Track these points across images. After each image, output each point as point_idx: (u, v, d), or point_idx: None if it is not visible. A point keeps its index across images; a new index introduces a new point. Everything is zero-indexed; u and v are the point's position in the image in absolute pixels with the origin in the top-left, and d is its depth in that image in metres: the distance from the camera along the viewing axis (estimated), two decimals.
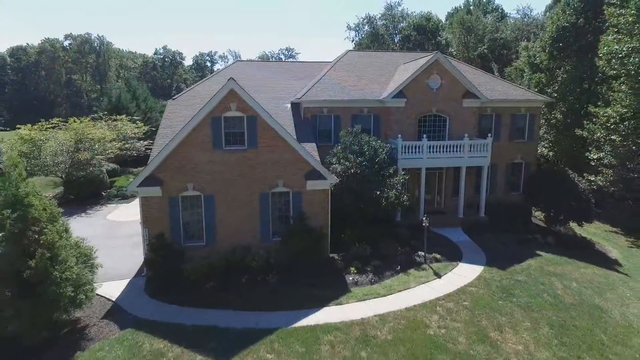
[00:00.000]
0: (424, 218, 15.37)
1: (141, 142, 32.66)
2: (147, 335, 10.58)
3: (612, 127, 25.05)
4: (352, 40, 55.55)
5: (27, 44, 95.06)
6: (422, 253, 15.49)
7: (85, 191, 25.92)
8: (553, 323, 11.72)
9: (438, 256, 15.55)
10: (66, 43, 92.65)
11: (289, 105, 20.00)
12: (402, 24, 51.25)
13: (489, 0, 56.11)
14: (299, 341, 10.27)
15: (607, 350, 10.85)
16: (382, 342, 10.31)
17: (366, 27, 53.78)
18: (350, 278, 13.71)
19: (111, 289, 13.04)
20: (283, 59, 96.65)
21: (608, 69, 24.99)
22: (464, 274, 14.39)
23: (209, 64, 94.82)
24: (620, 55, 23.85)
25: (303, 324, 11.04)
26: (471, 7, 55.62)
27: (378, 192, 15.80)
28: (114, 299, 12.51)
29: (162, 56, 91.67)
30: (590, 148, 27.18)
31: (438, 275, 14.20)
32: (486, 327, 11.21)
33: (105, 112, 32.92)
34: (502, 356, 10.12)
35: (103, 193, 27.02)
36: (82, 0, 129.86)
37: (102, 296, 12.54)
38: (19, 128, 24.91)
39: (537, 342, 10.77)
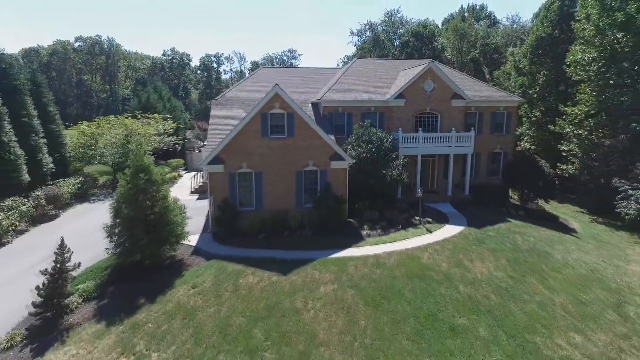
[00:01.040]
0: (419, 190, 20.46)
1: (170, 137, 37.63)
2: (227, 262, 15.58)
3: (578, 123, 30.30)
4: (355, 45, 60.62)
5: (38, 45, 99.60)
6: (418, 218, 20.56)
7: None
8: (509, 258, 16.82)
9: (430, 220, 20.64)
10: (77, 45, 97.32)
11: (310, 105, 25.05)
12: (401, 30, 56.36)
13: (482, 8, 61.33)
14: (332, 265, 15.30)
15: (544, 274, 15.94)
16: (389, 266, 15.35)
17: (368, 33, 58.85)
18: (364, 232, 18.76)
19: (187, 239, 17.98)
20: (286, 60, 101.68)
21: (574, 74, 30.23)
22: (449, 231, 19.45)
23: (215, 65, 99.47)
24: (583, 63, 29.10)
25: (333, 256, 16.08)
26: (465, 14, 60.90)
27: (384, 172, 20.85)
28: (194, 245, 17.49)
29: (170, 57, 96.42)
30: (562, 141, 32.38)
31: (429, 231, 19.26)
32: (462, 259, 16.28)
33: (140, 111, 37.84)
34: (471, 274, 15.19)
35: None
36: (91, 4, 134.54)
37: (184, 244, 17.49)
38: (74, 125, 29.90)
39: (496, 268, 15.85)
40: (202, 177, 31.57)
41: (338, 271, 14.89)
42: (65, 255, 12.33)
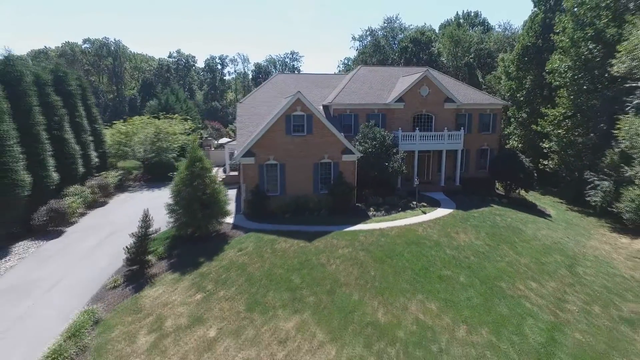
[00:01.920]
0: (416, 180, 24.76)
1: (188, 136, 41.71)
2: (262, 234, 19.79)
3: (557, 123, 34.70)
4: (357, 50, 64.98)
5: (45, 46, 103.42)
6: (415, 202, 24.84)
7: (158, 171, 35.01)
8: (488, 232, 21.11)
9: (425, 205, 24.92)
10: (85, 47, 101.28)
11: (321, 107, 29.30)
12: (400, 36, 60.74)
13: (476, 14, 65.80)
14: (346, 235, 19.55)
15: (515, 244, 20.24)
16: (391, 236, 19.61)
17: (369, 38, 63.21)
18: (370, 213, 23.02)
19: (225, 219, 22.17)
20: (288, 62, 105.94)
21: (553, 80, 34.63)
22: (440, 213, 23.72)
23: (219, 66, 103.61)
24: (560, 71, 33.51)
25: (346, 230, 20.32)
26: (461, 20, 65.37)
27: (386, 164, 25.13)
28: (231, 223, 21.69)
29: (176, 59, 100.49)
30: (543, 140, 36.75)
31: (424, 212, 23.54)
32: (449, 232, 20.57)
33: (163, 112, 41.99)
34: (456, 242, 19.47)
35: (172, 174, 36.04)
36: (97, 6, 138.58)
37: (223, 222, 21.64)
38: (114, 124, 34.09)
39: (476, 239, 20.14)
40: (224, 172, 35.82)
41: (351, 239, 19.14)
42: (147, 223, 16.53)
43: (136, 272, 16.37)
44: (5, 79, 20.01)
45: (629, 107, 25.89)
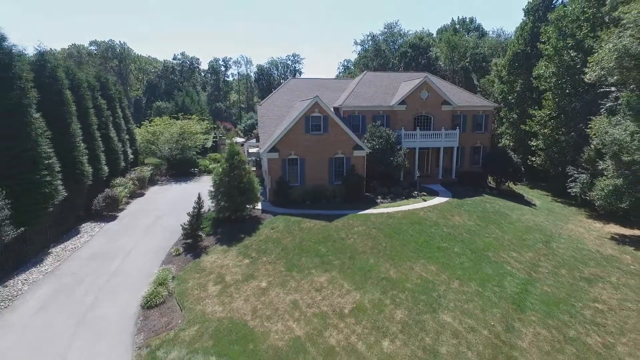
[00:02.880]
0: (417, 173, 28.83)
1: (205, 135, 45.70)
2: (288, 216, 23.77)
3: (543, 123, 38.93)
4: (358, 54, 69.13)
5: (51, 49, 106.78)
6: (416, 192, 28.91)
7: (181, 167, 38.97)
8: (479, 215, 25.22)
9: (425, 194, 29.01)
10: (91, 49, 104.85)
11: (332, 109, 33.33)
12: (399, 41, 64.96)
13: (472, 20, 70.16)
14: (360, 217, 23.59)
15: (501, 225, 24.36)
16: (397, 217, 23.66)
17: (370, 43, 67.39)
18: (378, 201, 27.08)
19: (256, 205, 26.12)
20: (290, 64, 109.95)
21: (539, 85, 38.88)
22: (438, 200, 27.81)
23: (223, 68, 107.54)
24: (545, 76, 37.75)
25: (359, 213, 24.36)
26: (457, 26, 69.70)
27: (391, 159, 29.19)
28: (260, 209, 25.65)
29: (180, 61, 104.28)
30: (532, 138, 40.97)
31: (424, 200, 27.62)
32: (446, 214, 24.65)
33: (181, 113, 45.93)
34: (451, 222, 23.55)
35: (193, 170, 40.07)
36: (104, 9, 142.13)
37: (255, 207, 25.59)
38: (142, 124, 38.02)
39: (468, 220, 24.24)
40: None
41: (364, 220, 23.18)
42: (200, 205, 20.50)
43: (191, 244, 20.32)
44: (70, 85, 23.85)
45: (603, 109, 30.17)
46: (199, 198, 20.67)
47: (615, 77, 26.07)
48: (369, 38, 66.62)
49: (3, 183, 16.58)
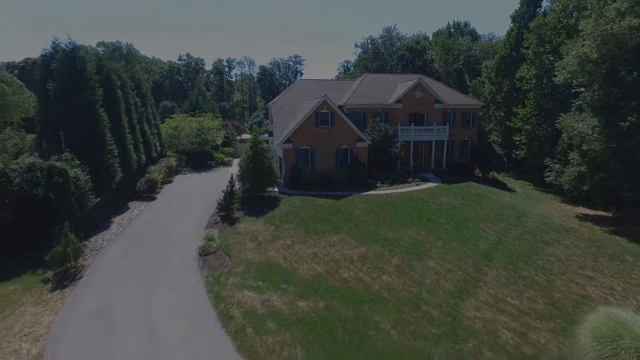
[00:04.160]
0: (412, 162, 33.79)
1: (220, 131, 50.49)
2: (303, 196, 28.67)
3: (525, 120, 44.00)
4: (358, 55, 74.19)
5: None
6: (411, 179, 33.90)
7: (199, 159, 43.79)
8: (463, 196, 30.22)
9: (418, 180, 34.00)
10: (98, 49, 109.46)
11: (337, 107, 38.27)
12: (397, 44, 70.06)
13: (466, 24, 75.37)
14: (362, 197, 28.54)
15: (481, 204, 29.36)
16: (395, 197, 28.63)
17: (369, 46, 72.47)
18: (378, 185, 32.04)
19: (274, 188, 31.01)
20: (291, 65, 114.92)
21: (522, 86, 43.99)
22: (430, 185, 32.78)
23: (227, 68, 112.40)
24: (527, 78, 42.86)
25: (362, 194, 29.30)
26: (452, 29, 74.89)
27: (389, 150, 34.16)
28: (277, 191, 30.52)
29: (185, 62, 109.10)
30: (516, 134, 46.03)
31: (418, 185, 32.60)
32: (435, 195, 29.64)
33: (197, 110, 50.77)
34: (439, 201, 28.53)
35: (210, 162, 44.90)
36: (111, 12, 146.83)
37: (274, 190, 30.44)
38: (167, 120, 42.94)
39: (454, 199, 29.22)
40: None
41: (366, 199, 28.12)
42: (233, 183, 25.38)
43: (225, 216, 25.20)
44: (119, 84, 28.69)
45: (574, 107, 35.24)
46: (232, 178, 25.60)
47: (580, 79, 31.13)
48: (369, 41, 71.79)
49: (84, 163, 21.41)
